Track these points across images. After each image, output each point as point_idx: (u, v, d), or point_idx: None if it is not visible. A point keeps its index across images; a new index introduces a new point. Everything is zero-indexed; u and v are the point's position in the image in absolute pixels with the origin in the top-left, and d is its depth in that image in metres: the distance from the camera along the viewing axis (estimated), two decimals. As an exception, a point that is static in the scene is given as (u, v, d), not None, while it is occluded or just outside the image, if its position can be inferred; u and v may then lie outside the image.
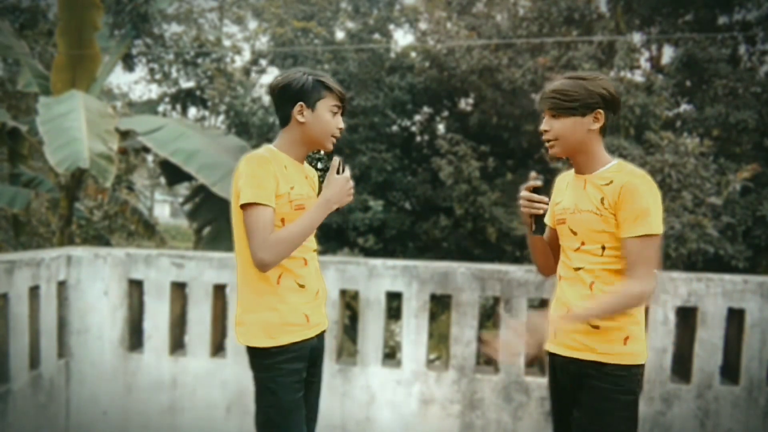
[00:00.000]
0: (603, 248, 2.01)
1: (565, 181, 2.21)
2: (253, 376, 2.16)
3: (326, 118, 2.14)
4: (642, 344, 2.02)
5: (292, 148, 2.17)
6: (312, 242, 2.23)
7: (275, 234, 2.02)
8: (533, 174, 2.14)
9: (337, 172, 2.15)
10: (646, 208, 1.93)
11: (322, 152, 2.23)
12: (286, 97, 2.13)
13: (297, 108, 2.12)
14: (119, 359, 4.01)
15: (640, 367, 2.01)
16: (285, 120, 2.16)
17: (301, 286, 2.15)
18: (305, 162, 2.27)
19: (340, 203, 2.13)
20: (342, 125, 2.20)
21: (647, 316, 3.67)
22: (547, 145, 2.08)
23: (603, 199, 1.99)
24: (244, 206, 2.02)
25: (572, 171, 2.17)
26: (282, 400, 2.10)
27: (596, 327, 1.99)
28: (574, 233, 2.06)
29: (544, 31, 10.43)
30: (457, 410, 3.88)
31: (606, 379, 1.97)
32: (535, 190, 2.12)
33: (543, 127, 2.08)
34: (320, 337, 2.26)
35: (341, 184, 2.13)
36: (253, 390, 2.17)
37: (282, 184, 2.08)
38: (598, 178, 2.04)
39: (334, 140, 2.18)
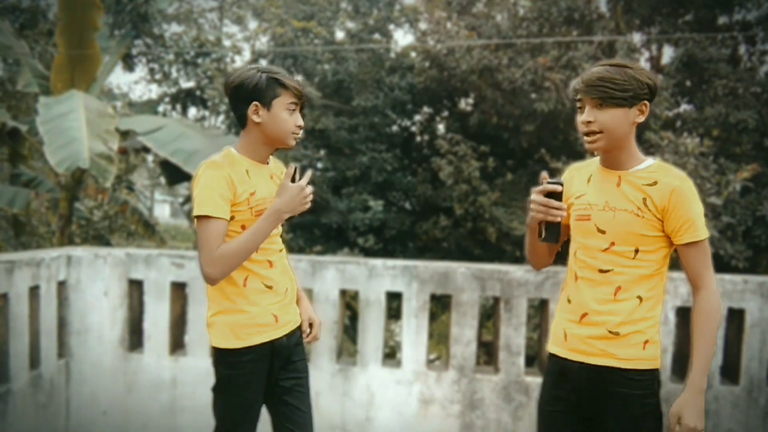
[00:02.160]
0: (636, 251, 1.89)
1: (587, 172, 2.03)
2: (215, 370, 2.19)
3: (283, 117, 2.06)
4: (658, 347, 1.95)
5: (253, 149, 2.12)
6: (277, 243, 2.20)
7: (222, 248, 1.99)
8: (544, 174, 1.93)
9: (293, 180, 2.05)
10: (699, 212, 1.87)
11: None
12: (240, 97, 2.07)
13: (252, 108, 2.06)
14: (119, 359, 4.01)
15: (658, 370, 1.97)
16: (242, 121, 2.10)
17: (269, 287, 2.14)
18: (272, 159, 2.22)
19: (293, 212, 2.05)
20: (301, 122, 2.11)
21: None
22: (588, 138, 1.90)
23: (646, 200, 1.87)
24: (196, 218, 2.01)
25: (593, 163, 2.03)
26: (241, 396, 2.14)
27: (615, 333, 1.90)
28: (602, 232, 1.92)
29: (544, 31, 10.42)
30: (457, 410, 3.88)
31: (631, 385, 1.90)
32: (552, 195, 1.89)
33: (586, 118, 1.87)
34: (292, 335, 2.23)
35: (294, 193, 2.03)
36: (214, 380, 2.20)
37: (240, 191, 2.04)
38: (638, 177, 1.90)
39: (296, 137, 2.11)
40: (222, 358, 2.16)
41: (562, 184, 1.89)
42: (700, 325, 1.86)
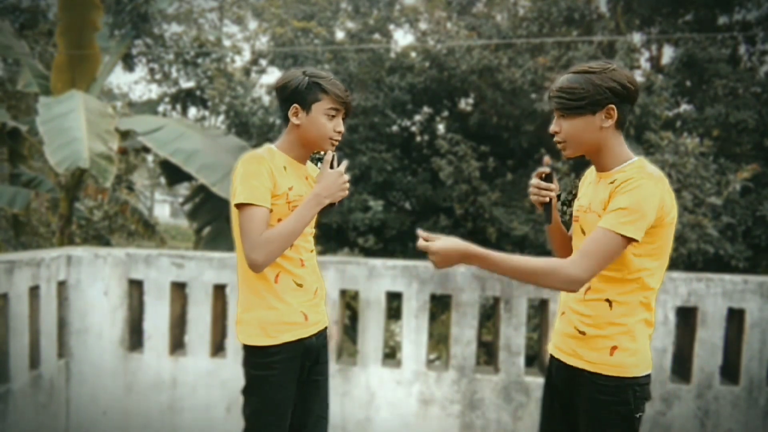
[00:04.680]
0: None
1: (589, 177, 2.05)
2: (245, 371, 2.17)
3: (321, 122, 2.09)
4: (635, 357, 1.86)
5: (291, 148, 2.17)
6: (309, 243, 2.23)
7: (266, 233, 2.01)
8: (546, 159, 1.99)
9: (331, 167, 2.12)
10: (626, 206, 1.76)
11: (322, 152, 2.18)
12: (283, 97, 2.13)
13: (292, 110, 2.10)
14: (119, 359, 4.01)
15: (635, 380, 1.87)
16: (285, 120, 2.15)
17: (299, 285, 2.15)
18: (308, 162, 2.27)
19: (332, 198, 2.10)
20: (341, 128, 2.14)
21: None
22: (559, 146, 1.93)
23: (606, 201, 1.87)
24: (238, 206, 2.03)
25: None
26: (274, 397, 2.12)
27: (582, 333, 1.91)
28: (584, 233, 1.95)
29: (544, 31, 10.43)
30: (457, 410, 3.88)
31: (598, 389, 1.87)
32: (546, 177, 1.98)
33: (552, 128, 1.91)
34: (320, 335, 2.25)
35: (333, 179, 2.09)
36: (245, 382, 2.18)
37: (279, 184, 2.07)
38: (609, 177, 1.89)
39: (334, 143, 2.14)
40: (252, 358, 2.14)
41: (551, 167, 1.98)
42: (530, 259, 1.81)
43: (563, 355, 1.98)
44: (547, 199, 1.97)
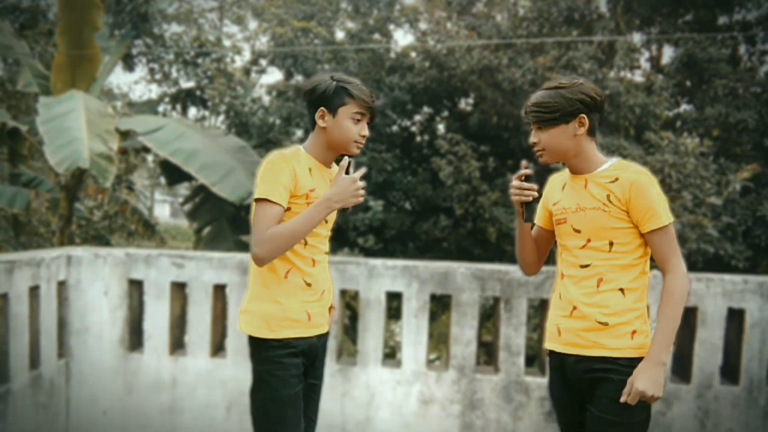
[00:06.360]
0: (611, 244, 2.05)
1: (561, 181, 2.23)
2: (252, 368, 2.20)
3: (347, 125, 2.16)
4: (647, 337, 2.06)
5: (318, 151, 2.22)
6: (324, 245, 2.27)
7: (271, 229, 2.05)
8: (524, 162, 2.18)
9: (347, 173, 2.16)
10: (659, 201, 2.02)
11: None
12: (310, 101, 2.19)
13: (319, 113, 2.17)
14: (119, 359, 4.01)
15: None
16: (312, 123, 2.21)
17: (308, 285, 2.19)
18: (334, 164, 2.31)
19: (344, 204, 2.13)
20: (366, 132, 2.21)
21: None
22: (537, 154, 2.15)
23: (609, 196, 2.04)
24: (256, 200, 2.10)
25: (566, 172, 2.23)
26: (279, 393, 2.14)
27: (604, 324, 2.03)
28: (578, 231, 2.10)
29: (544, 31, 10.42)
30: (457, 410, 3.88)
31: (621, 372, 2.01)
32: (526, 178, 2.16)
33: (531, 139, 2.14)
34: (321, 338, 2.28)
35: (346, 185, 2.13)
36: (251, 380, 2.19)
37: (301, 185, 2.13)
38: (601, 176, 2.08)
39: (359, 146, 2.20)
40: (256, 351, 2.17)
41: (533, 168, 2.16)
42: (663, 303, 2.00)
43: (579, 349, 2.08)
44: (530, 199, 2.14)
